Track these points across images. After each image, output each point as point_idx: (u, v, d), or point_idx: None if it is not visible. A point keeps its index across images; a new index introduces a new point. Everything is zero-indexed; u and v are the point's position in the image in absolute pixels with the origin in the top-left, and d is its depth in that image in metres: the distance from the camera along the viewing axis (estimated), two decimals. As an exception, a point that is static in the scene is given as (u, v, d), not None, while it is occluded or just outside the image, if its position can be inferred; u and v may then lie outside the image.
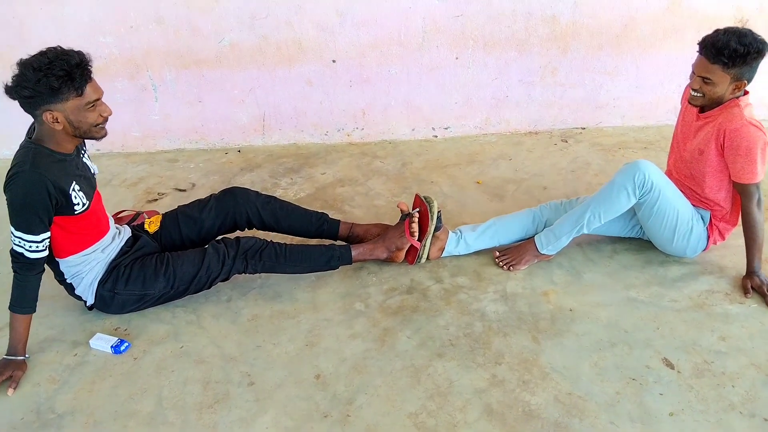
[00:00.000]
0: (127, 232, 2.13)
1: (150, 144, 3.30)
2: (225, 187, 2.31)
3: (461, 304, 2.13)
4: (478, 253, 2.38)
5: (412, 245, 2.21)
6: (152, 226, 2.19)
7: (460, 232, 2.32)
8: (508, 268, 2.29)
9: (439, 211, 2.21)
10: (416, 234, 2.19)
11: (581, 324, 2.03)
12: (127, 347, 1.98)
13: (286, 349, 1.96)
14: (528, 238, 2.35)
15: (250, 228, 2.29)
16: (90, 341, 1.99)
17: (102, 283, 1.98)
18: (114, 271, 1.99)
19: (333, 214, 2.64)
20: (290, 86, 3.14)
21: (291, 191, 2.88)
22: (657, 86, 3.32)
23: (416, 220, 2.18)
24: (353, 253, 2.19)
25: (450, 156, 3.18)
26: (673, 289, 2.18)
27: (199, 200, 2.27)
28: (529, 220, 2.35)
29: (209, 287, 2.11)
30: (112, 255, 2.02)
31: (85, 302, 2.05)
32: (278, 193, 2.87)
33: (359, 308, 2.12)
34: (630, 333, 1.99)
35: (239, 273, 2.09)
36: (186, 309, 2.13)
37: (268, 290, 2.21)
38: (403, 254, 2.25)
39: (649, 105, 3.38)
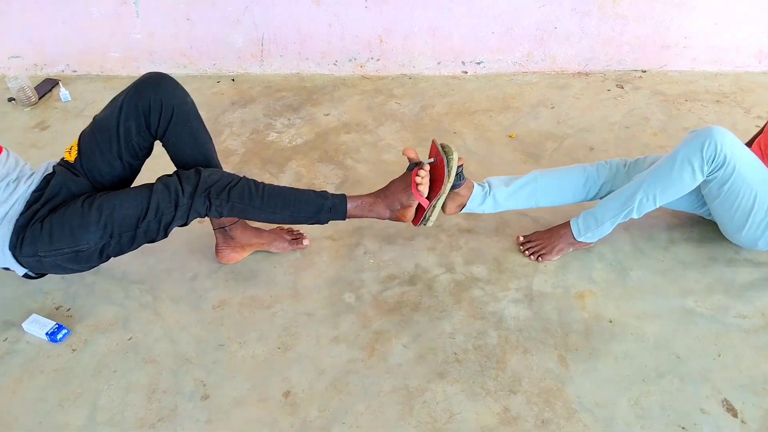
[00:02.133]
0: (38, 175, 1.63)
1: (132, 67, 2.87)
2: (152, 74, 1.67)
3: (474, 303, 1.74)
4: (502, 237, 1.96)
5: (419, 205, 1.71)
6: (72, 152, 1.67)
7: (489, 185, 1.86)
8: (537, 258, 1.87)
9: (459, 166, 1.72)
10: (425, 189, 1.66)
11: (622, 342, 1.64)
12: (65, 335, 1.66)
13: (254, 352, 1.62)
14: (576, 203, 1.92)
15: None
16: (24, 324, 1.67)
17: (14, 247, 1.53)
18: (27, 230, 1.53)
19: (332, 169, 2.23)
20: (294, 4, 2.65)
21: (286, 135, 2.46)
22: (740, 24, 2.72)
23: (426, 171, 1.65)
24: (349, 205, 1.68)
25: (480, 99, 2.69)
26: (742, 300, 1.75)
27: (115, 98, 1.66)
28: (580, 180, 1.89)
29: (164, 235, 1.59)
30: (18, 208, 1.55)
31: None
32: (271, 138, 2.45)
33: (349, 301, 1.75)
34: (683, 360, 1.59)
35: (200, 216, 1.60)
36: (142, 287, 1.80)
37: (242, 268, 1.86)
38: (411, 213, 1.72)
39: (727, 47, 2.81)
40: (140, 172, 1.73)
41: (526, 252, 1.90)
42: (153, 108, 1.60)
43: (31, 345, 1.64)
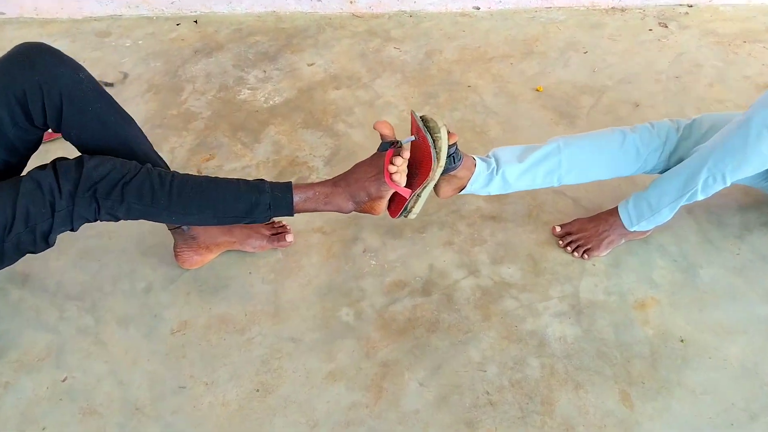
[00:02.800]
0: None
1: (73, 7, 2.37)
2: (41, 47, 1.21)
3: (508, 319, 1.37)
4: (536, 225, 1.57)
5: (397, 194, 1.27)
6: None
7: (497, 160, 1.43)
8: (582, 255, 1.49)
9: (452, 146, 1.28)
10: (401, 176, 1.22)
11: (699, 369, 1.28)
12: (-23, 377, 1.26)
13: (225, 397, 1.24)
14: (618, 177, 1.52)
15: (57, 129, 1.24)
16: None
17: None
18: None
19: (320, 137, 1.80)
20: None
21: (261, 93, 2.01)
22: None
23: (404, 159, 1.21)
24: (296, 198, 1.25)
25: (497, 41, 2.23)
26: None
27: None
28: (617, 150, 1.46)
29: (47, 245, 1.19)
30: None
31: None
32: (243, 96, 1.99)
33: (346, 319, 1.37)
34: (781, 395, 1.23)
35: (90, 221, 1.19)
36: (81, 304, 1.41)
37: (209, 273, 1.46)
38: (382, 205, 1.28)
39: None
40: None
41: (568, 247, 1.51)
42: (30, 94, 1.17)
43: (-69, 391, 1.25)
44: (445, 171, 1.31)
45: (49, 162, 1.16)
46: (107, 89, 1.31)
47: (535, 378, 1.27)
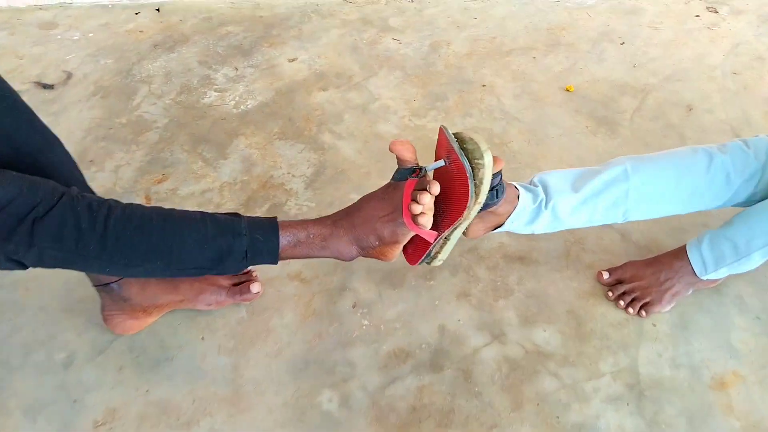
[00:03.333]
0: None
1: (12, -9, 2.00)
2: None
3: (546, 406, 1.02)
4: (575, 268, 1.22)
5: (417, 235, 0.91)
6: None
7: (546, 189, 1.09)
8: (638, 311, 1.14)
9: (496, 174, 0.95)
10: (427, 218, 0.85)
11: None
12: None
13: None
14: (695, 212, 1.16)
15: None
16: None
17: None
18: None
19: (301, 151, 1.44)
20: None
21: (231, 95, 1.64)
22: None
23: (431, 195, 0.84)
24: (283, 240, 0.91)
25: (516, 31, 1.87)
26: None
27: None
28: (701, 174, 1.10)
29: None
30: None
31: None
32: (209, 99, 1.63)
33: (328, 407, 1.02)
34: None
35: (10, 269, 0.84)
36: (-24, 385, 1.04)
37: (149, 339, 1.12)
38: (396, 251, 0.94)
39: None
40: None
41: (621, 301, 1.15)
42: None
43: None
44: (483, 207, 0.95)
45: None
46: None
47: (587, 496, 0.92)
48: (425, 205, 0.84)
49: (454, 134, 0.87)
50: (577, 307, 1.17)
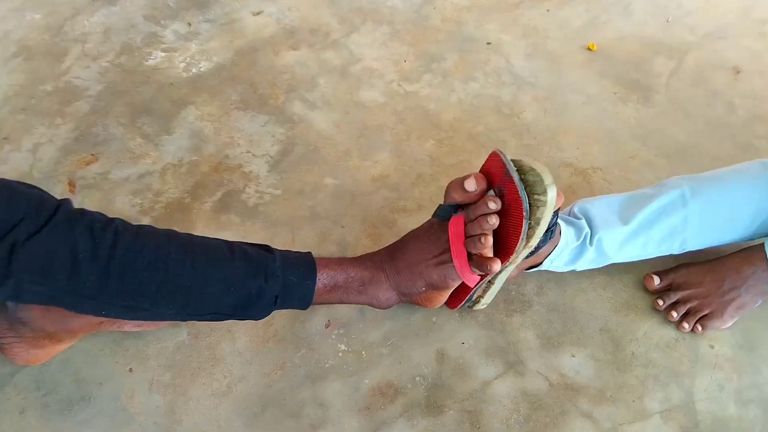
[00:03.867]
0: None
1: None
2: None
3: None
4: (609, 274, 0.98)
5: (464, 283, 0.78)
6: None
7: (589, 222, 0.90)
8: (694, 326, 0.90)
9: (555, 214, 0.76)
10: (486, 262, 0.72)
11: None
12: None
13: None
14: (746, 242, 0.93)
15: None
16: None
17: None
18: None
19: (264, 124, 1.19)
20: None
21: (181, 56, 1.37)
22: None
23: (489, 226, 0.70)
24: (319, 282, 0.76)
25: (523, -20, 1.59)
26: None
27: None
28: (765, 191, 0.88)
29: None
30: None
31: None
32: (154, 61, 1.36)
33: (293, 465, 0.77)
34: None
35: None
36: None
37: (62, 372, 0.88)
38: (443, 297, 0.85)
39: None
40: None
41: (673, 313, 0.91)
42: None
43: None
44: (533, 251, 0.78)
45: None
46: None
47: None
48: (486, 247, 0.72)
49: (512, 160, 0.70)
50: (613, 324, 0.93)
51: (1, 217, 0.59)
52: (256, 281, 0.71)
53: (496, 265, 0.71)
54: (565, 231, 0.86)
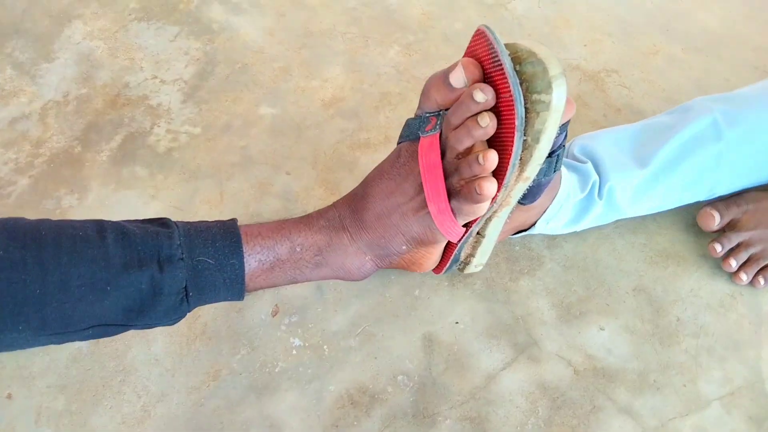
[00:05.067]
0: None
1: None
2: None
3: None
4: (642, 218, 0.75)
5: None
6: None
7: (596, 166, 0.67)
8: (752, 280, 0.69)
9: (565, 125, 0.51)
10: (476, 186, 0.48)
11: None
12: None
13: None
14: None
15: None
16: None
17: None
18: None
19: (176, 38, 0.91)
20: None
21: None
22: None
23: (482, 132, 0.47)
24: (251, 260, 0.54)
25: None
26: None
27: None
28: None
29: None
30: None
31: None
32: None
33: None
34: None
35: None
36: None
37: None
38: (433, 257, 0.61)
39: None
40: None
41: (731, 262, 0.70)
42: None
43: None
44: (529, 192, 0.55)
45: None
46: None
47: None
48: (463, 172, 0.50)
49: (505, 45, 0.46)
50: (650, 280, 0.72)
51: None
52: (144, 271, 0.49)
53: (492, 187, 0.48)
54: (567, 179, 0.64)
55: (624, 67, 0.92)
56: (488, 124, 0.46)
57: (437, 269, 0.65)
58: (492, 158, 0.47)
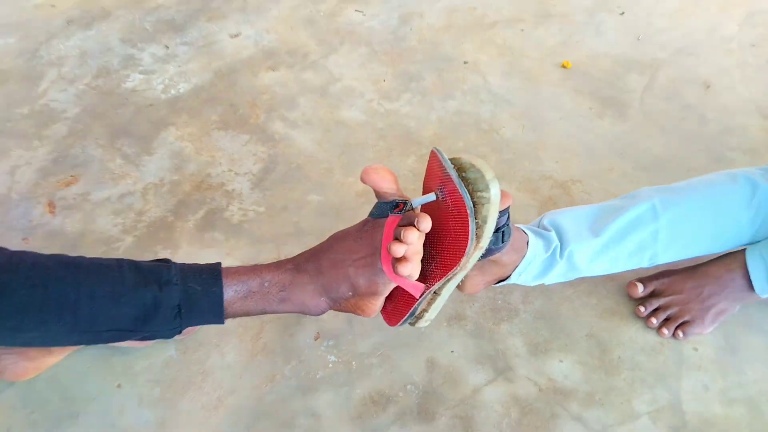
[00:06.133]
0: None
1: None
2: None
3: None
4: (594, 281, 1.02)
5: (399, 287, 0.74)
6: None
7: (559, 234, 0.93)
8: (675, 332, 0.96)
9: (504, 211, 0.78)
10: (412, 265, 0.67)
11: None
12: None
13: None
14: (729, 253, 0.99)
15: None
16: None
17: None
18: None
19: (245, 144, 1.23)
20: None
21: (159, 78, 1.41)
22: None
23: (423, 225, 0.66)
24: (228, 290, 0.73)
25: (499, 0, 1.67)
26: None
27: None
28: (742, 207, 0.95)
29: None
30: None
31: None
32: (132, 83, 1.39)
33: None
34: None
35: None
36: None
37: (49, 389, 0.91)
38: (376, 305, 0.75)
39: None
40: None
41: (653, 319, 0.96)
42: None
43: None
44: (485, 255, 0.76)
45: None
46: None
47: None
48: (411, 246, 0.66)
49: (450, 159, 0.69)
50: (599, 329, 0.97)
51: None
52: (148, 290, 0.70)
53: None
54: (534, 242, 0.89)
55: (587, 179, 1.22)
56: (416, 242, 0.66)
57: (393, 321, 0.77)
58: (414, 241, 0.66)
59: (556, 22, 1.60)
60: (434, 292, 0.75)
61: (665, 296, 0.98)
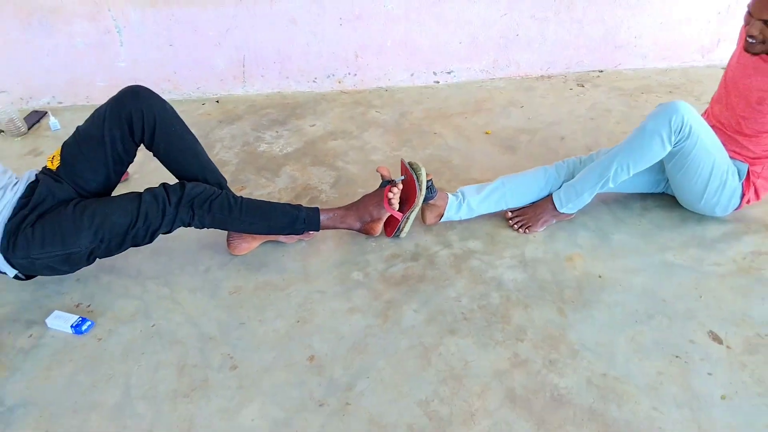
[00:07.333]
0: (22, 183, 1.73)
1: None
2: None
3: (474, 272, 1.91)
4: (490, 215, 2.15)
5: (391, 216, 1.96)
6: (55, 161, 1.79)
7: (462, 194, 2.07)
8: (524, 231, 2.07)
9: (429, 180, 1.95)
10: (396, 204, 1.92)
11: (613, 293, 1.82)
12: (89, 326, 1.76)
13: (274, 327, 1.74)
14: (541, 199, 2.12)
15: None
16: (47, 320, 1.76)
17: (5, 250, 1.64)
18: (18, 234, 1.64)
19: (325, 171, 2.40)
20: (272, 26, 2.86)
21: (276, 145, 2.63)
22: (683, 23, 3.05)
23: (398, 188, 1.92)
24: (322, 217, 1.89)
25: (454, 104, 2.93)
26: (714, 252, 1.97)
27: (97, 109, 1.80)
28: (542, 180, 2.10)
29: (150, 240, 1.75)
30: (6, 213, 1.66)
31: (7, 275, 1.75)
32: (262, 148, 2.61)
33: (357, 278, 1.90)
34: (669, 303, 1.78)
35: (184, 225, 1.77)
36: (158, 281, 1.91)
37: (252, 259, 1.98)
38: (379, 226, 1.96)
39: (673, 44, 3.13)
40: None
41: (515, 226, 2.09)
42: (135, 117, 1.76)
43: (56, 339, 1.73)
44: (426, 199, 1.95)
45: (158, 185, 1.75)
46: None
47: (496, 304, 1.80)
48: (394, 195, 1.88)
49: (408, 162, 1.92)
50: (491, 231, 2.09)
51: (209, 192, 1.77)
52: (294, 212, 1.86)
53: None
54: (450, 197, 2.02)
55: (488, 175, 2.39)
56: (398, 192, 1.92)
57: (389, 234, 2.01)
58: (396, 194, 1.91)
59: (485, 113, 2.83)
60: (407, 219, 1.94)
61: (520, 216, 2.11)
